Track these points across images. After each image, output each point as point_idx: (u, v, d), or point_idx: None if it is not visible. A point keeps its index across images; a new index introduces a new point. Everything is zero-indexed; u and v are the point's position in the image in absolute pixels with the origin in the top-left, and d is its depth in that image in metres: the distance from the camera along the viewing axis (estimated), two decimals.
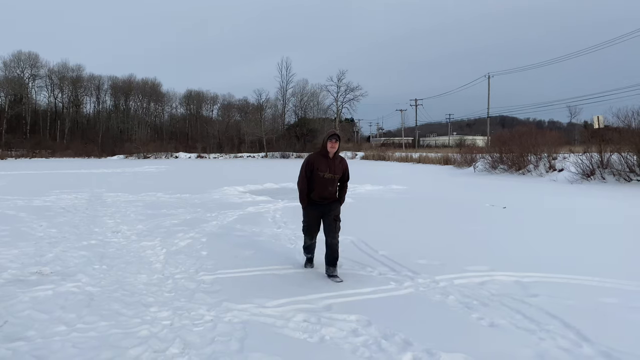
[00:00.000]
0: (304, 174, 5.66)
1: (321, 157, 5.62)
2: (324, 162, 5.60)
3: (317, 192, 5.64)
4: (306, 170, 5.64)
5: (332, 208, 5.68)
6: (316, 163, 5.60)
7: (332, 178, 5.60)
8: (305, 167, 5.65)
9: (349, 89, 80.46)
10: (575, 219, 9.92)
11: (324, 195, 5.64)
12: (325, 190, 5.63)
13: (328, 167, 5.58)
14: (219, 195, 15.16)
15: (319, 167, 5.56)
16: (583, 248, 7.09)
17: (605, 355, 3.50)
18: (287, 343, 3.74)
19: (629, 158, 18.29)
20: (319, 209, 5.72)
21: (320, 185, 5.60)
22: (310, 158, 5.67)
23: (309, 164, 5.62)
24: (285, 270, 5.89)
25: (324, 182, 5.59)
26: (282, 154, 70.84)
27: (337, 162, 5.65)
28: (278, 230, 8.71)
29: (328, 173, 5.57)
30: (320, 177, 5.57)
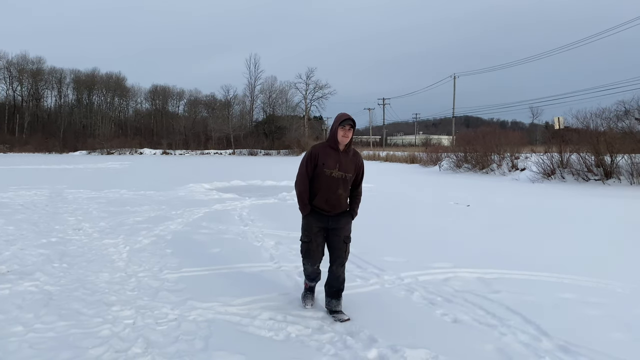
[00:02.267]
0: (305, 171, 4.35)
1: (329, 150, 4.31)
2: (333, 155, 4.28)
3: (322, 196, 4.29)
4: (308, 166, 4.33)
5: (342, 223, 4.34)
6: (322, 156, 4.28)
7: (342, 177, 4.28)
8: (307, 162, 4.34)
9: (317, 87, 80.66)
10: (535, 217, 10.19)
11: (332, 201, 4.30)
12: (333, 194, 4.28)
13: (338, 162, 4.27)
14: (185, 192, 14.95)
15: (325, 162, 4.26)
16: (542, 245, 7.29)
17: (563, 349, 3.61)
18: (252, 341, 3.72)
19: (587, 158, 18.91)
20: (323, 221, 4.34)
21: (327, 187, 4.27)
22: (315, 150, 4.37)
23: (312, 158, 4.33)
24: (251, 268, 5.85)
25: (332, 182, 4.27)
26: (250, 151, 70.42)
27: (349, 157, 4.34)
28: (245, 228, 8.65)
29: (338, 171, 4.26)
30: (326, 176, 4.26)
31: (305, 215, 4.36)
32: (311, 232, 4.35)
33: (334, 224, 4.34)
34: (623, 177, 17.82)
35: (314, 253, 4.36)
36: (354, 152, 4.42)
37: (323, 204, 4.31)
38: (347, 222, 4.39)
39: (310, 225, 4.35)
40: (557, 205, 12.40)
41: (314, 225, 4.34)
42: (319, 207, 4.33)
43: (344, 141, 4.27)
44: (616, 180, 17.90)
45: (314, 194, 4.35)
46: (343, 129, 4.23)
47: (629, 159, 17.76)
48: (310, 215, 4.35)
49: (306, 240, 4.38)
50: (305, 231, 4.39)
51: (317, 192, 4.32)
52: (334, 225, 4.34)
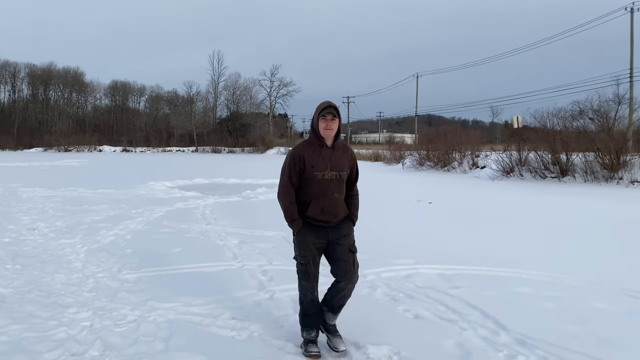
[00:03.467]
0: (289, 181, 3.56)
1: (314, 148, 3.57)
2: (319, 154, 3.56)
3: (316, 205, 3.54)
4: (292, 173, 3.55)
5: (344, 231, 3.64)
6: (309, 158, 3.53)
7: (337, 178, 3.60)
8: (291, 168, 3.55)
9: (282, 84, 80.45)
10: (494, 214, 10.44)
11: (330, 209, 3.57)
12: (329, 200, 3.56)
13: (327, 161, 3.56)
14: (145, 190, 14.66)
15: (314, 164, 3.52)
16: (501, 241, 7.48)
17: (520, 342, 3.70)
18: (213, 341, 3.68)
19: (544, 156, 19.50)
20: (321, 236, 3.59)
21: (321, 192, 3.54)
22: (298, 152, 3.58)
23: (296, 161, 3.54)
24: (214, 267, 5.78)
25: (326, 186, 3.55)
26: (214, 149, 69.63)
27: (339, 153, 3.63)
28: (208, 226, 8.54)
29: (329, 171, 3.55)
30: (318, 180, 3.53)
31: (299, 231, 3.58)
32: (309, 251, 3.57)
33: (336, 235, 3.60)
34: (578, 175, 18.46)
35: (312, 275, 3.63)
36: (344, 146, 3.73)
37: (319, 215, 3.55)
38: (350, 229, 3.72)
39: (307, 243, 3.56)
40: (515, 202, 12.75)
41: (310, 243, 3.56)
42: (314, 219, 3.55)
43: (329, 134, 3.55)
44: (571, 178, 18.53)
45: (304, 203, 3.57)
46: (324, 120, 3.51)
47: (583, 157, 18.40)
48: (306, 229, 3.56)
49: (303, 262, 3.59)
50: (301, 250, 3.59)
51: (309, 201, 3.56)
52: (336, 235, 3.61)
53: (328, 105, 3.54)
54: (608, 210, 11.22)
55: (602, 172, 17.72)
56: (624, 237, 7.90)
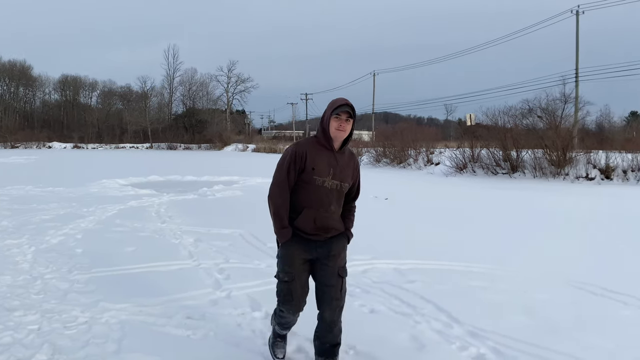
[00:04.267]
0: (286, 178, 3.08)
1: (319, 148, 3.10)
2: (326, 157, 3.08)
3: (308, 214, 3.07)
4: (291, 171, 3.07)
5: (334, 250, 3.18)
6: (312, 158, 3.06)
7: (338, 188, 3.13)
8: (291, 165, 3.07)
9: (240, 80, 79.55)
10: (448, 209, 10.70)
11: (323, 221, 3.10)
12: (325, 211, 3.10)
13: (332, 167, 3.09)
14: (97, 188, 14.25)
15: (316, 167, 3.05)
16: (454, 236, 7.67)
17: (472, 334, 3.82)
18: (168, 341, 3.62)
19: (495, 153, 20.12)
20: (309, 250, 3.12)
21: (317, 201, 3.08)
22: (301, 148, 3.09)
23: (297, 159, 3.06)
24: (169, 266, 5.68)
25: (324, 195, 3.08)
26: (169, 145, 68.22)
27: (345, 161, 3.17)
28: (162, 225, 8.38)
29: (331, 179, 3.08)
30: (317, 186, 3.06)
31: (285, 243, 3.10)
32: (294, 267, 3.09)
33: (324, 252, 3.13)
34: (527, 171, 19.14)
35: (297, 297, 3.12)
36: (350, 153, 3.25)
37: (309, 226, 3.07)
38: (343, 249, 3.25)
39: (293, 257, 3.09)
40: (467, 198, 13.10)
41: (297, 257, 3.09)
42: (302, 230, 3.08)
43: (340, 137, 3.07)
44: (521, 174, 19.20)
45: (295, 211, 3.09)
46: (338, 119, 3.03)
47: (532, 153, 19.09)
48: (293, 242, 3.08)
49: (287, 279, 3.09)
50: (285, 266, 3.10)
51: (300, 209, 3.08)
52: (324, 253, 3.13)
53: (344, 103, 3.05)
54: (556, 204, 11.69)
55: (549, 168, 18.45)
56: (570, 230, 8.26)
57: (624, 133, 21.87)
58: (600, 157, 17.45)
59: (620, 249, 6.85)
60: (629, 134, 21.23)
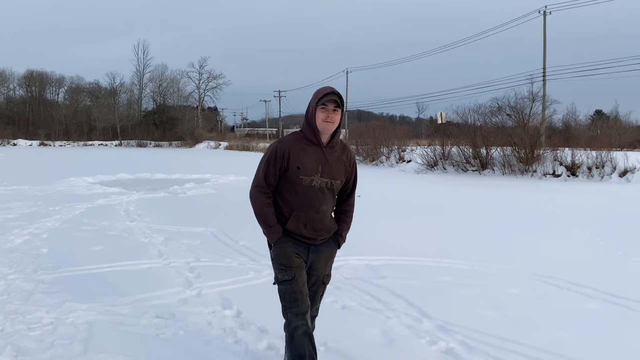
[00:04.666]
0: (264, 180, 2.84)
1: (305, 144, 2.83)
2: (312, 154, 2.83)
3: (298, 217, 2.84)
4: (269, 171, 2.83)
5: (323, 257, 2.98)
6: (296, 156, 2.80)
7: (328, 186, 2.87)
8: (271, 164, 2.83)
9: (211, 77, 78.83)
10: (419, 206, 10.82)
11: (315, 223, 2.87)
12: (315, 212, 2.86)
13: (320, 164, 2.83)
14: (64, 186, 13.93)
15: (301, 165, 2.79)
16: (426, 232, 7.76)
17: (441, 328, 3.86)
18: (136, 341, 3.55)
19: (465, 151, 20.43)
20: (302, 251, 2.89)
21: (306, 202, 2.83)
22: (283, 145, 2.84)
23: (278, 157, 2.81)
24: (138, 265, 5.59)
25: (313, 195, 2.83)
26: (139, 143, 67.13)
27: (336, 155, 2.91)
28: (131, 223, 8.24)
29: (320, 177, 2.83)
30: (304, 186, 2.81)
31: (277, 241, 2.85)
32: (292, 263, 2.81)
33: (314, 258, 2.92)
34: (496, 168, 19.50)
35: (304, 295, 2.83)
36: (343, 146, 2.98)
37: (301, 229, 2.84)
38: (332, 255, 3.04)
39: (289, 254, 2.83)
40: (438, 194, 13.27)
41: (293, 254, 2.83)
42: (295, 233, 2.85)
43: (328, 129, 2.79)
44: (491, 171, 19.55)
45: (283, 214, 2.86)
46: (324, 110, 2.75)
47: (502, 151, 19.45)
48: (287, 239, 2.85)
49: (287, 277, 2.80)
50: (281, 265, 2.82)
51: (289, 211, 2.84)
52: (313, 259, 2.93)
53: (330, 92, 2.77)
54: (524, 201, 11.95)
55: (518, 166, 18.83)
56: (538, 226, 8.44)
57: (589, 131, 22.46)
58: (567, 154, 17.90)
59: (585, 244, 7.04)
60: (594, 132, 21.81)
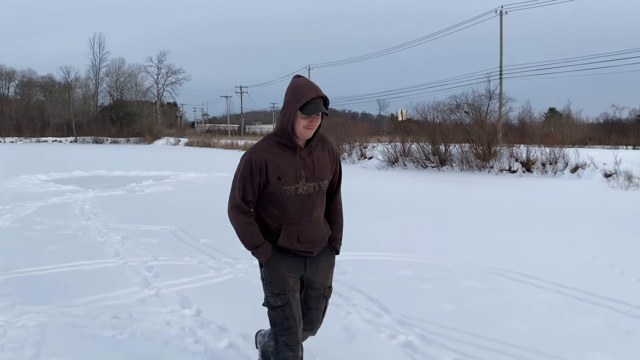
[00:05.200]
0: (241, 199, 2.51)
1: (282, 150, 2.50)
2: (291, 160, 2.49)
3: (288, 233, 2.53)
4: (245, 187, 2.49)
5: (323, 268, 2.71)
6: (274, 166, 2.47)
7: (316, 191, 2.58)
8: (245, 179, 2.49)
9: (170, 72, 77.39)
10: (380, 202, 10.94)
11: (309, 234, 2.58)
12: (307, 221, 2.57)
13: (302, 169, 2.51)
14: (16, 184, 13.41)
15: (282, 175, 2.47)
16: (386, 227, 7.86)
17: (401, 322, 3.92)
18: (92, 343, 3.46)
19: (425, 147, 20.77)
20: (298, 267, 2.59)
21: (295, 212, 2.53)
22: (258, 156, 2.48)
23: (253, 170, 2.47)
24: (94, 265, 5.44)
25: (301, 204, 2.54)
26: (95, 139, 65.21)
27: (317, 154, 2.58)
28: (87, 222, 8.01)
29: (305, 183, 2.53)
30: (287, 197, 2.50)
31: (269, 261, 2.52)
32: (286, 288, 2.53)
33: (312, 272, 2.63)
34: (455, 164, 19.91)
35: (298, 321, 2.56)
36: (322, 139, 2.62)
37: (294, 244, 2.54)
38: (331, 265, 2.78)
39: (283, 277, 2.53)
40: (398, 190, 13.45)
41: (288, 275, 2.54)
42: (289, 249, 2.55)
43: (309, 135, 2.47)
44: (449, 167, 19.93)
45: (271, 230, 2.55)
46: (307, 119, 2.40)
47: (460, 147, 19.86)
48: (280, 257, 2.53)
49: (280, 304, 2.52)
50: (274, 286, 2.53)
51: (277, 226, 2.53)
52: (312, 272, 2.63)
53: (317, 96, 2.38)
54: (481, 196, 12.24)
55: (475, 162, 19.26)
56: (494, 220, 8.67)
57: (542, 128, 23.20)
58: (522, 150, 18.40)
59: (538, 237, 7.27)
60: (547, 129, 22.54)
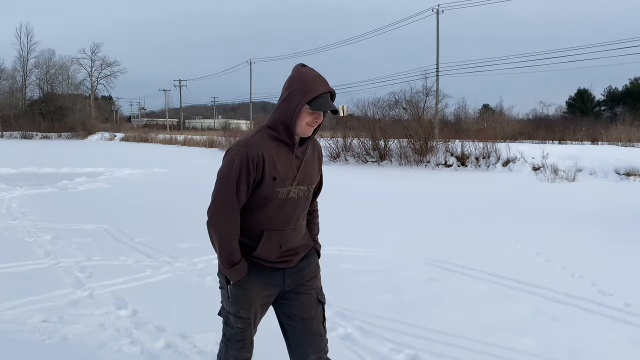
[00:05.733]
0: (235, 197, 2.12)
1: (278, 146, 2.17)
2: (286, 159, 2.17)
3: (271, 241, 2.20)
4: (239, 185, 2.11)
5: (309, 272, 2.35)
6: (271, 163, 2.13)
7: (305, 195, 2.28)
8: (241, 176, 2.10)
9: (105, 64, 74.43)
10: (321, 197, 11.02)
11: (290, 242, 2.26)
12: (292, 229, 2.25)
13: (296, 169, 2.20)
14: None
15: (277, 174, 2.14)
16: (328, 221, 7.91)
17: (340, 315, 3.99)
18: (19, 348, 3.30)
19: (365, 143, 21.11)
20: (275, 284, 2.27)
21: (282, 218, 2.21)
22: (254, 151, 2.10)
23: (250, 166, 2.09)
24: (21, 267, 5.18)
25: (290, 210, 2.22)
26: (24, 134, 61.66)
27: (309, 153, 2.28)
28: (14, 222, 7.61)
29: (297, 186, 2.21)
30: (280, 201, 2.17)
31: (241, 281, 2.16)
32: (251, 312, 2.23)
33: (295, 280, 2.28)
34: (394, 159, 20.36)
35: (250, 343, 2.31)
36: (314, 143, 2.33)
37: (273, 254, 2.20)
38: (317, 267, 2.42)
39: (251, 300, 2.22)
40: (339, 185, 13.61)
41: (257, 299, 2.23)
42: (265, 260, 2.20)
43: (308, 132, 2.14)
44: (389, 162, 20.37)
45: (251, 236, 2.19)
46: (313, 114, 2.09)
47: (398, 143, 20.34)
48: (252, 279, 2.18)
49: (240, 325, 2.24)
50: (239, 310, 2.22)
51: (258, 232, 2.17)
52: (296, 280, 2.28)
53: (327, 91, 2.09)
54: (419, 189, 12.60)
55: (413, 157, 19.78)
56: (429, 213, 8.95)
57: (476, 124, 24.11)
58: (457, 145, 19.07)
59: (471, 229, 7.57)
60: (481, 125, 23.44)
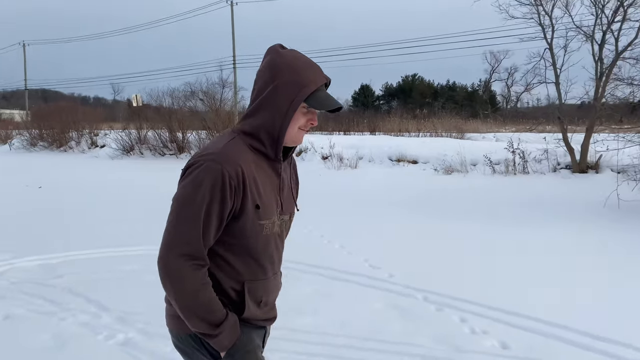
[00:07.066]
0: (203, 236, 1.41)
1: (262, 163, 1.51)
2: (269, 177, 1.53)
3: (254, 291, 1.54)
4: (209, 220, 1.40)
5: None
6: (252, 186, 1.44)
7: (286, 227, 1.66)
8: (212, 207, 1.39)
9: None
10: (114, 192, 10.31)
11: (274, 294, 1.66)
12: (274, 275, 1.62)
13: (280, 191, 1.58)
14: None
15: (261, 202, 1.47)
16: (113, 220, 7.45)
17: (120, 320, 3.78)
18: None
19: (162, 135, 20.31)
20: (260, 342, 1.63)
21: (264, 260, 1.55)
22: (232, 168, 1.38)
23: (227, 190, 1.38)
24: None
25: (273, 247, 1.57)
26: None
27: (289, 171, 1.65)
28: None
29: (280, 215, 1.58)
30: (262, 238, 1.51)
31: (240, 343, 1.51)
32: None
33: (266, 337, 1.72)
34: (193, 151, 20.00)
35: None
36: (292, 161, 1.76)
37: (256, 311, 1.58)
38: None
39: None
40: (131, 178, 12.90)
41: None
42: (251, 319, 1.57)
43: (299, 140, 1.56)
44: (188, 154, 19.93)
45: (225, 293, 1.51)
46: (309, 114, 1.53)
47: (197, 134, 20.04)
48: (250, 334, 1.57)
49: None
50: None
51: (237, 286, 1.52)
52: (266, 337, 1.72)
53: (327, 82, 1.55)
54: None
55: None
56: None
57: None
58: None
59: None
60: None
